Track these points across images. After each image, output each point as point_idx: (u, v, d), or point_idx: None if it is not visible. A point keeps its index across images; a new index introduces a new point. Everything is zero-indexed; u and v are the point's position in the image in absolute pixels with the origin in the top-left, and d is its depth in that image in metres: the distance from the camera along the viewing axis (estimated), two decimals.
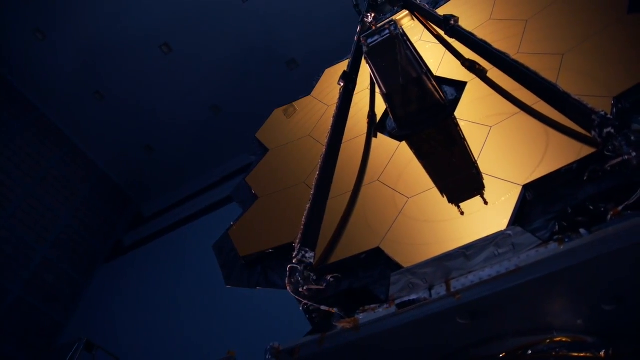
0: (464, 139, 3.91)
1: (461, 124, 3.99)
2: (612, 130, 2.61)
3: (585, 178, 2.78)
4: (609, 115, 2.69)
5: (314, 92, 5.92)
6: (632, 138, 2.51)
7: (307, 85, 6.72)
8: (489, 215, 3.02)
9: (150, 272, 13.00)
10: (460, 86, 4.37)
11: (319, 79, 6.16)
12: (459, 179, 3.72)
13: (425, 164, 3.97)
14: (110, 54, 14.58)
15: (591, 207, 2.74)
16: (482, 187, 3.34)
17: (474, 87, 4.24)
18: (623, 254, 2.09)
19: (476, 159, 3.57)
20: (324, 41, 13.36)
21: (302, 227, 3.45)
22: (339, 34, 8.31)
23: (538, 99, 3.40)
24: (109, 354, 8.49)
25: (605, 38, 3.57)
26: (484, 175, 3.38)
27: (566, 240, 2.47)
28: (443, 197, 3.52)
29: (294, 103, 6.08)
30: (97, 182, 16.48)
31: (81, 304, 13.63)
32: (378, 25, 4.62)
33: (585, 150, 2.87)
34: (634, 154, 2.49)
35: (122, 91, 15.43)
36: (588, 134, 2.87)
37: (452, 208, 3.30)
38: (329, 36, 13.13)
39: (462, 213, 3.26)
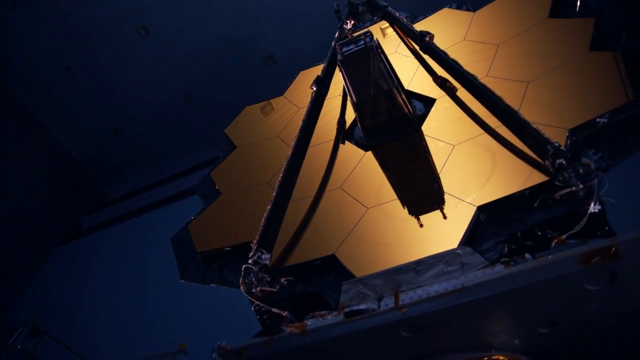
0: (428, 154, 4.00)
1: (426, 139, 4.08)
2: (564, 162, 2.71)
3: (535, 204, 2.88)
4: (562, 147, 2.80)
5: (286, 93, 5.94)
6: (581, 171, 2.63)
7: (282, 83, 6.72)
8: (442, 232, 3.10)
9: (106, 259, 12.70)
10: (429, 102, 4.46)
11: (292, 80, 6.18)
12: (421, 192, 3.81)
13: (389, 175, 4.04)
14: (85, 31, 14.19)
15: (539, 233, 2.86)
16: (442, 202, 3.43)
17: (443, 105, 4.34)
18: (558, 282, 2.19)
19: (438, 174, 3.67)
20: (304, 41, 13.36)
21: (260, 228, 3.46)
22: (320, 35, 8.34)
23: (501, 123, 3.51)
24: (54, 340, 8.21)
25: (567, 72, 3.72)
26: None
27: (512, 263, 2.57)
28: (404, 208, 3.59)
29: (271, 101, 6.06)
30: (59, 160, 15.99)
31: (32, 287, 13.20)
32: (354, 35, 4.67)
33: (538, 178, 2.98)
34: (581, 186, 2.61)
35: (95, 70, 15.04)
36: (542, 163, 2.98)
37: (409, 221, 3.37)
38: (309, 36, 13.15)
39: (421, 225, 3.35)
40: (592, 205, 2.55)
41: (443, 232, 3.09)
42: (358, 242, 3.34)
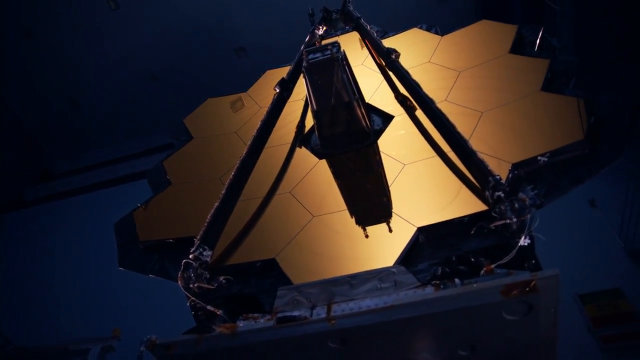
0: (381, 169, 4.10)
1: (381, 154, 4.17)
2: (502, 195, 2.85)
3: (472, 232, 3.01)
4: (502, 180, 2.94)
5: (250, 90, 5.92)
6: (516, 205, 2.77)
7: (249, 77, 6.70)
8: (381, 249, 3.18)
9: (46, 234, 12.24)
10: (388, 118, 4.56)
11: (258, 78, 6.16)
12: (370, 205, 3.90)
13: (340, 184, 4.10)
14: None
15: (472, 260, 2.99)
16: (390, 215, 3.52)
17: (400, 123, 4.45)
18: (480, 309, 2.31)
19: (389, 189, 3.77)
20: (277, 36, 13.31)
21: (206, 224, 3.46)
22: (294, 33, 8.35)
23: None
24: None
25: (518, 108, 3.89)
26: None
27: (442, 287, 2.68)
28: (352, 217, 3.66)
29: (241, 96, 6.00)
30: (7, 126, 15.29)
31: None
32: (323, 43, 4.72)
33: (478, 207, 3.12)
34: (515, 219, 2.75)
35: (57, 36, 14.46)
36: (483, 193, 3.12)
37: (351, 233, 3.44)
38: (283, 33, 13.10)
39: (366, 236, 3.43)
40: (522, 238, 2.70)
41: (382, 249, 3.18)
42: (300, 249, 3.39)
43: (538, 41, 4.74)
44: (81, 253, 10.61)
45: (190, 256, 3.24)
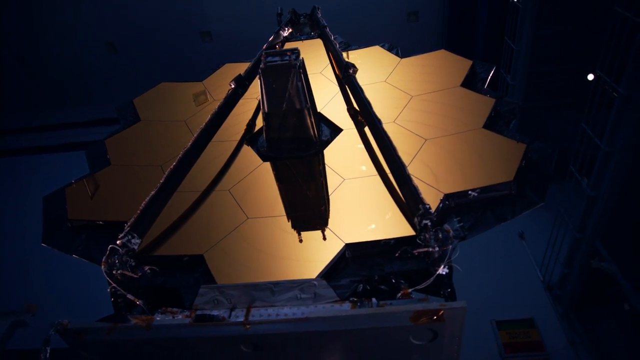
0: (323, 178, 4.17)
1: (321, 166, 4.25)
2: (429, 223, 2.98)
3: (397, 255, 3.13)
4: (431, 210, 3.07)
5: (206, 81, 5.85)
6: (440, 235, 2.91)
7: (209, 65, 6.61)
8: (308, 260, 3.25)
9: None
10: (336, 130, 4.65)
11: (216, 69, 6.10)
12: (308, 211, 3.98)
13: (281, 188, 4.15)
14: None
15: (393, 281, 3.11)
16: (326, 224, 3.60)
17: (348, 136, 4.54)
18: (389, 331, 2.42)
19: (328, 198, 3.85)
20: (245, 28, 13.17)
21: (139, 211, 3.41)
22: (262, 27, 8.28)
23: None
24: None
25: (460, 141, 4.07)
26: None
27: (358, 304, 2.77)
28: (288, 221, 3.71)
29: (206, 90, 5.90)
30: None
31: None
32: (284, 47, 4.75)
33: (405, 232, 3.24)
34: (437, 249, 2.89)
35: None
36: (411, 219, 3.24)
37: (282, 240, 3.49)
38: (251, 26, 13.00)
39: (300, 241, 3.49)
40: (441, 267, 2.83)
41: (309, 260, 3.24)
42: (229, 249, 3.40)
43: (489, 79, 4.97)
44: (5, 222, 10.06)
45: (118, 242, 3.19)
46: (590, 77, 7.52)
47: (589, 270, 7.80)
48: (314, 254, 3.28)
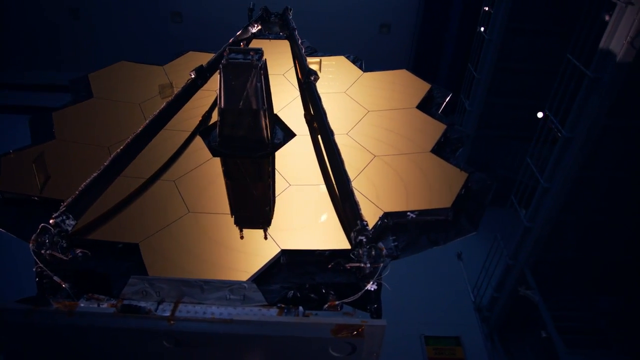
0: (270, 180, 4.21)
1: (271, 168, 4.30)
2: (364, 239, 3.08)
3: (329, 266, 3.21)
4: (368, 227, 3.17)
5: (167, 66, 5.76)
6: (373, 252, 3.01)
7: (174, 47, 6.47)
8: (242, 262, 3.27)
9: None
10: (290, 135, 4.69)
11: (179, 55, 6.01)
12: (252, 211, 4.02)
13: (228, 184, 4.16)
14: None
15: (323, 291, 3.19)
16: (268, 224, 3.64)
17: (300, 142, 4.59)
18: (310, 341, 2.49)
19: (274, 201, 3.89)
20: (217, 15, 12.99)
21: (77, 191, 3.34)
22: (233, 17, 8.17)
23: None
24: None
25: (406, 161, 4.21)
26: None
27: (285, 311, 2.83)
28: (232, 217, 3.72)
29: (172, 84, 5.78)
30: None
31: None
32: (248, 46, 4.76)
33: (341, 244, 3.32)
34: (368, 265, 2.98)
35: None
36: (348, 233, 3.33)
37: (222, 238, 3.50)
38: (222, 13, 12.82)
39: (242, 237, 3.51)
40: (370, 283, 2.94)
41: (244, 261, 3.27)
42: (166, 241, 3.37)
43: (443, 105, 5.15)
44: None
45: (51, 221, 3.11)
46: (540, 114, 7.92)
47: (516, 296, 8.21)
48: (249, 257, 3.30)
